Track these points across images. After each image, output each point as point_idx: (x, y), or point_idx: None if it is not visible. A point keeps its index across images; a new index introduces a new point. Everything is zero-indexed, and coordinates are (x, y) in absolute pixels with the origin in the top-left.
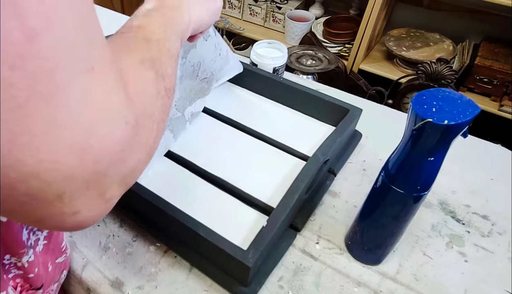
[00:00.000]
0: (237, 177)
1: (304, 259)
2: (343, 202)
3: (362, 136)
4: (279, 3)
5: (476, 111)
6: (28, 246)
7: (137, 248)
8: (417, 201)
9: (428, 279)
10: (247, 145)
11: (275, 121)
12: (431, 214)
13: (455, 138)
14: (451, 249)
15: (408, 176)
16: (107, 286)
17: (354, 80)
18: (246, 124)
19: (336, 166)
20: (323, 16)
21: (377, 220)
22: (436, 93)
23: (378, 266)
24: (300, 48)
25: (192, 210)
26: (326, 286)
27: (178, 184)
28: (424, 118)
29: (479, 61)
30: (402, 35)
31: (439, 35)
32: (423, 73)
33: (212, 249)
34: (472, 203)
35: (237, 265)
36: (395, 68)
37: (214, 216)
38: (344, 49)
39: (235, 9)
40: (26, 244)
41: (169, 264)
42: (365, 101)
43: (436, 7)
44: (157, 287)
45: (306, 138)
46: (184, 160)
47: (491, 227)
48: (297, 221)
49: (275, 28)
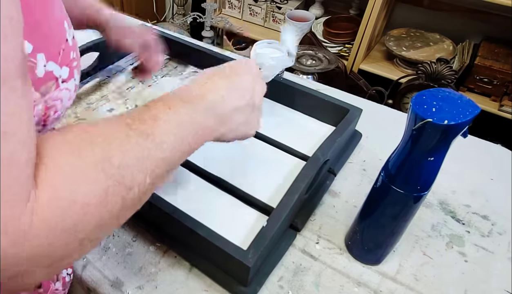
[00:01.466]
0: (237, 177)
1: (304, 259)
2: (343, 202)
3: (362, 136)
4: (279, 3)
5: (476, 111)
6: None
7: (137, 248)
8: (417, 201)
9: (428, 279)
10: (247, 145)
11: (275, 121)
12: (431, 214)
13: (455, 138)
14: (451, 249)
15: (408, 176)
16: (107, 286)
17: (354, 80)
18: None
19: (336, 166)
20: (323, 16)
21: (377, 220)
22: (436, 93)
23: (378, 266)
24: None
25: (192, 210)
26: (326, 286)
27: (178, 184)
28: (424, 118)
29: (479, 61)
30: (402, 35)
31: (439, 35)
32: (423, 73)
33: (212, 249)
34: (472, 203)
35: (237, 265)
36: (395, 68)
37: (214, 216)
38: (344, 49)
39: (235, 9)
40: None
41: (169, 264)
42: (365, 101)
43: (436, 7)
44: (157, 287)
45: (306, 138)
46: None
47: (491, 227)
48: (297, 221)
49: (275, 28)
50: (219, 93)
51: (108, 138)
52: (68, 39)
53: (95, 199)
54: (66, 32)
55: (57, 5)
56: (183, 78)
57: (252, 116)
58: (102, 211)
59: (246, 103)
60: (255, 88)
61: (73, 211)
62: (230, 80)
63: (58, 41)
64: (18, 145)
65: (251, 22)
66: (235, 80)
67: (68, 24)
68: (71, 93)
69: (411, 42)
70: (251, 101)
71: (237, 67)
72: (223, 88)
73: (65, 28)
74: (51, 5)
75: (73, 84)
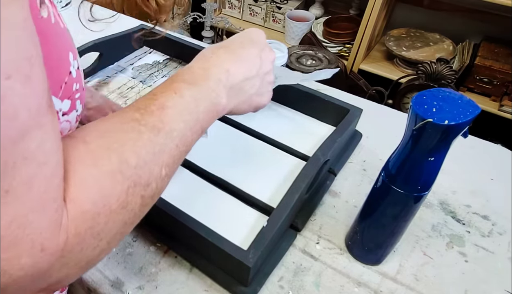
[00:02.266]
0: (237, 177)
1: (304, 259)
2: (343, 202)
3: (362, 136)
4: (279, 3)
5: (477, 111)
6: None
7: (137, 248)
8: (418, 201)
9: (429, 279)
10: (247, 145)
11: (275, 121)
12: (432, 214)
13: (455, 138)
14: (452, 249)
15: (409, 176)
16: (108, 286)
17: (354, 80)
18: (246, 124)
19: (336, 166)
20: (323, 16)
21: (378, 220)
22: (436, 93)
23: (378, 266)
24: (300, 48)
25: (192, 210)
26: (327, 286)
27: (178, 184)
28: (424, 118)
29: (479, 61)
30: (402, 35)
31: (439, 35)
32: (423, 73)
33: (212, 249)
34: (472, 203)
35: (237, 265)
36: (395, 68)
37: (214, 216)
38: (344, 49)
39: (235, 9)
40: None
41: (169, 264)
42: (365, 101)
43: (436, 7)
44: (157, 287)
45: (306, 138)
46: (184, 160)
47: (491, 227)
48: (297, 221)
49: (275, 28)
50: (224, 67)
51: (122, 140)
52: (72, 71)
53: (116, 204)
54: (70, 65)
55: (63, 38)
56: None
57: (263, 86)
58: (123, 213)
59: (255, 73)
60: (262, 57)
61: (97, 222)
62: (235, 53)
63: (60, 75)
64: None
65: (251, 22)
66: (241, 52)
67: (74, 55)
68: (72, 125)
69: (411, 42)
70: (261, 71)
71: (243, 40)
72: (227, 60)
73: (69, 61)
74: (56, 39)
75: (75, 116)
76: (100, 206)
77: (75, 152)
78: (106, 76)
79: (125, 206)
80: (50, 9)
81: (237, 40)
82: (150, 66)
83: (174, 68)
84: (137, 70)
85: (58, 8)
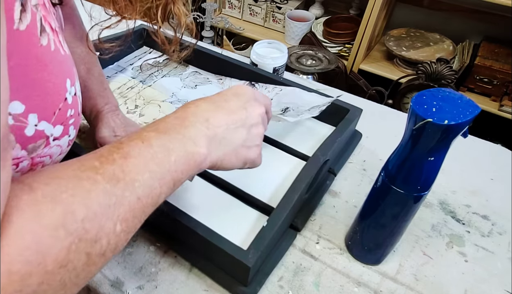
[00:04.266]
0: (237, 177)
1: (304, 259)
2: (343, 202)
3: (362, 136)
4: (279, 3)
5: (476, 111)
6: None
7: (137, 248)
8: (417, 201)
9: (428, 279)
10: None
11: (275, 121)
12: (431, 214)
13: (455, 138)
14: (451, 249)
15: (408, 176)
16: (107, 286)
17: (354, 80)
18: None
19: (336, 166)
20: (323, 16)
21: (377, 220)
22: (436, 93)
23: (378, 266)
24: (300, 48)
25: (192, 210)
26: (326, 286)
27: None
28: (424, 118)
29: (479, 61)
30: (402, 35)
31: (439, 35)
32: (423, 73)
33: (212, 249)
34: (472, 203)
35: (237, 265)
36: (395, 68)
37: (215, 216)
38: (344, 49)
39: (235, 9)
40: None
41: (169, 264)
42: (365, 101)
43: (436, 7)
44: (157, 287)
45: (306, 138)
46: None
47: (491, 227)
48: (297, 221)
49: (275, 28)
50: (203, 116)
51: (73, 189)
52: (68, 98)
53: (53, 263)
54: (66, 92)
55: (62, 65)
56: (183, 78)
57: (250, 138)
58: (62, 273)
59: (240, 124)
60: (248, 109)
61: (26, 284)
62: (216, 103)
63: (55, 101)
64: None
65: (251, 22)
66: (223, 104)
67: (72, 81)
68: (62, 149)
69: (411, 42)
70: (247, 122)
71: (227, 94)
72: (208, 110)
73: (66, 87)
74: (53, 66)
75: (67, 140)
76: (33, 265)
77: (17, 201)
78: (106, 76)
79: (64, 265)
80: (50, 36)
81: (221, 94)
82: (150, 66)
83: (174, 68)
84: (137, 70)
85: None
